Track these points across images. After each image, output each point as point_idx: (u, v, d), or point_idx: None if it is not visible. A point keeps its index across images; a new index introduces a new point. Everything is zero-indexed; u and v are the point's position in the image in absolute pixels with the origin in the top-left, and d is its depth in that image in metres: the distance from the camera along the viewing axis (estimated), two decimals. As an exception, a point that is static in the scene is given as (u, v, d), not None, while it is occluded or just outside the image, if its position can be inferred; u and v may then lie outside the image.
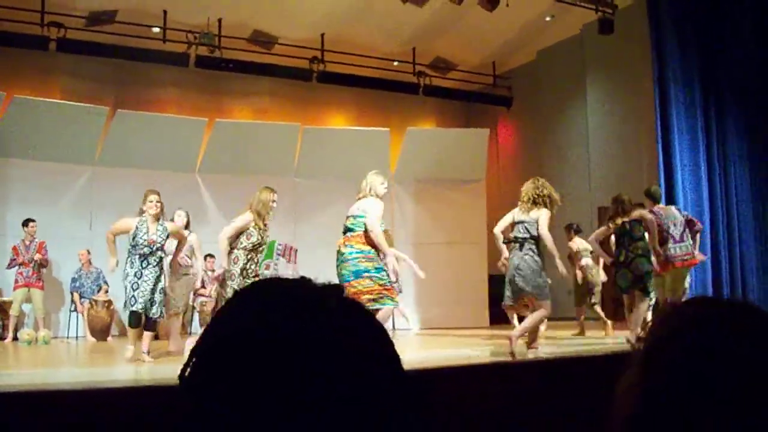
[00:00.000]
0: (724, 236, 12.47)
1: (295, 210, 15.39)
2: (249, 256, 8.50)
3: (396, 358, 0.90)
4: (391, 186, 15.76)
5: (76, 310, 13.57)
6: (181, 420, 0.85)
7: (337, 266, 7.76)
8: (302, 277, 0.94)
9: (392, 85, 17.18)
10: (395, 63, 17.12)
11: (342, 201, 15.06)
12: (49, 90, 14.84)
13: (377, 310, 7.31)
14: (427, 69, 17.40)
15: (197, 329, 13.81)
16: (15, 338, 12.45)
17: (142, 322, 8.46)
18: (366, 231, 7.73)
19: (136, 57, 14.84)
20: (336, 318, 0.87)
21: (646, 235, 9.45)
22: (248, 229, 8.54)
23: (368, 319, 0.92)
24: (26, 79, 14.79)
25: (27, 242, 12.79)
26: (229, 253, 8.53)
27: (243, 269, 8.38)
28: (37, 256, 12.71)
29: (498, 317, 12.69)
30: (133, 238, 8.53)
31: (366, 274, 7.56)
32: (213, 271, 13.89)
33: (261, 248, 8.71)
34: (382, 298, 7.51)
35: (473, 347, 8.83)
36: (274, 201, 8.76)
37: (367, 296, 7.37)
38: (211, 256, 13.53)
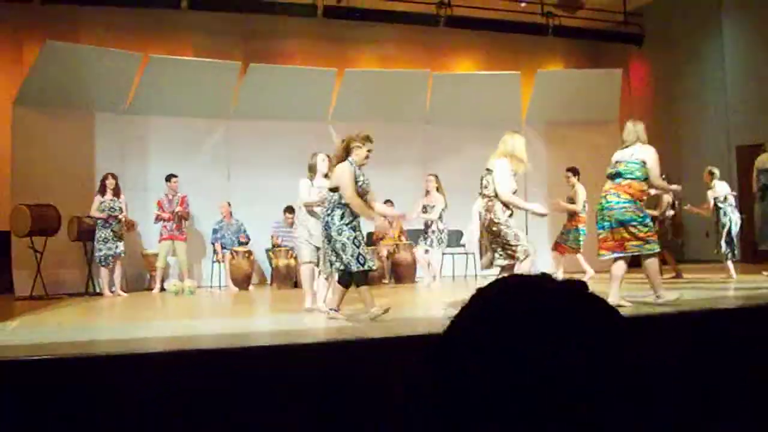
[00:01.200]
0: None
1: (426, 156, 15.41)
2: None
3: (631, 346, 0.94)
4: (523, 129, 15.64)
5: (217, 260, 13.94)
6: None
7: (604, 210, 7.61)
8: (543, 274, 1.01)
9: (520, 27, 16.89)
10: (522, 4, 16.82)
11: (473, 146, 15.00)
12: (181, 48, 15.16)
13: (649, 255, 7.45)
14: (554, 9, 17.02)
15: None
16: (162, 289, 12.91)
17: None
18: (634, 179, 7.56)
19: (264, 10, 14.99)
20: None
21: None
22: None
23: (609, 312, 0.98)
24: (160, 38, 15.18)
25: (170, 197, 13.17)
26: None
27: None
28: (179, 209, 13.08)
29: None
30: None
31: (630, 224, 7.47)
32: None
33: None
34: (648, 243, 7.44)
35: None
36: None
37: (632, 243, 7.44)
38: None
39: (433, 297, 11.15)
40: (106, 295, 12.19)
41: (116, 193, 12.54)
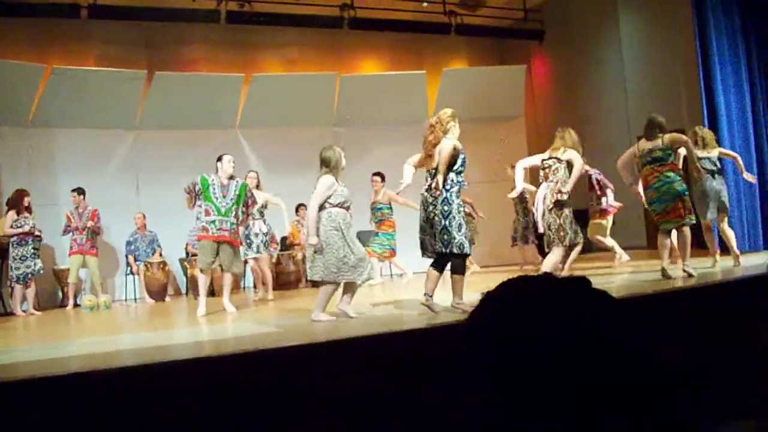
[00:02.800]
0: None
1: (337, 158, 15.46)
2: None
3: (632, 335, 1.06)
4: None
5: (132, 272, 13.77)
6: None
7: (663, 187, 8.76)
8: (546, 273, 1.17)
9: (424, 27, 17.03)
10: (425, 4, 16.97)
11: (382, 146, 15.15)
12: (84, 58, 14.88)
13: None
14: (457, 8, 17.22)
15: (250, 283, 14.01)
16: (76, 305, 12.70)
17: None
18: (673, 162, 8.98)
19: (167, 17, 14.77)
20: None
21: None
22: None
23: (611, 302, 1.09)
24: (61, 48, 14.84)
25: (80, 210, 12.96)
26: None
27: None
28: (90, 224, 12.88)
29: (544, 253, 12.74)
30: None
31: (684, 195, 8.78)
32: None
33: None
34: (691, 213, 8.84)
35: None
36: None
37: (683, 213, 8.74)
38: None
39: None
40: (19, 315, 11.93)
41: (28, 210, 12.30)
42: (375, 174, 12.76)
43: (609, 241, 12.24)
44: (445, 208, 7.37)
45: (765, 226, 12.28)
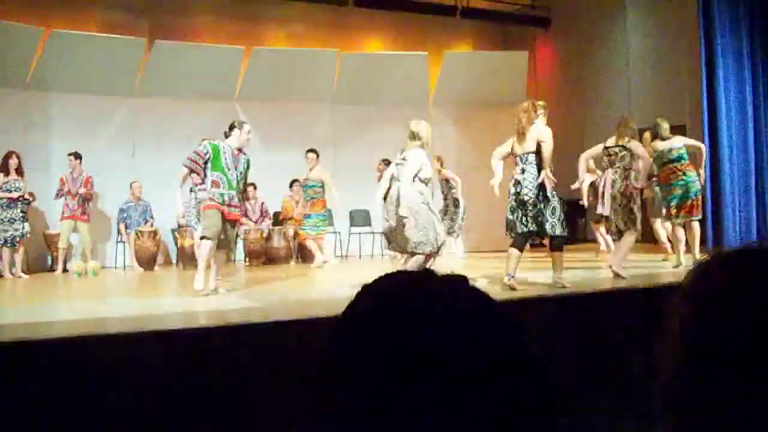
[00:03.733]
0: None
1: (333, 135, 15.44)
2: None
3: (511, 344, 1.01)
4: (430, 110, 15.76)
5: (122, 240, 13.73)
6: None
7: (685, 185, 9.68)
8: (427, 270, 1.09)
9: (429, 8, 16.91)
10: (431, -16, 16.87)
11: (380, 126, 15.09)
12: (85, 23, 14.76)
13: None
14: (463, -10, 17.13)
15: (241, 256, 13.99)
16: (65, 270, 12.67)
17: None
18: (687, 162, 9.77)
19: (172, -15, 14.74)
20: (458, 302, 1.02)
21: None
22: None
23: (488, 305, 1.04)
24: (62, 12, 14.70)
25: (75, 175, 12.89)
26: None
27: None
28: (83, 190, 12.83)
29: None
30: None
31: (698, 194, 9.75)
32: (256, 200, 14.03)
33: None
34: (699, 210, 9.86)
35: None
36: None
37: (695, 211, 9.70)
38: (251, 184, 13.68)
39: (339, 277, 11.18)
40: (6, 277, 11.89)
41: (19, 172, 12.23)
42: (310, 150, 12.65)
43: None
44: (541, 192, 7.86)
45: (759, 225, 12.28)
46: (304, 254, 13.91)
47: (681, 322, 1.06)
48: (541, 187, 7.80)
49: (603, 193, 9.17)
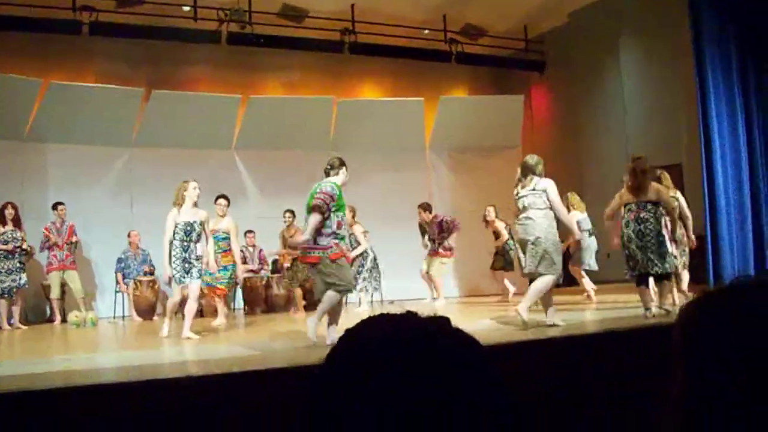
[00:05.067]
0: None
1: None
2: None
3: (494, 380, 1.00)
4: (427, 155, 15.83)
5: (120, 290, 13.70)
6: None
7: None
8: (409, 312, 1.08)
9: (424, 54, 17.07)
10: (426, 31, 17.00)
11: (378, 172, 15.15)
12: (83, 74, 14.89)
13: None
14: (457, 36, 17.26)
15: (240, 304, 13.98)
16: (63, 320, 12.64)
17: None
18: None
19: (168, 36, 14.81)
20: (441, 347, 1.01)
21: None
22: None
23: (471, 345, 1.04)
24: (61, 64, 14.83)
25: (58, 225, 12.90)
26: None
27: None
28: (75, 239, 12.87)
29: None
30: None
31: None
32: (254, 246, 14.03)
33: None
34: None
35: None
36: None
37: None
38: (251, 232, 13.77)
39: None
40: (4, 329, 11.85)
41: (16, 223, 12.24)
42: (221, 197, 11.56)
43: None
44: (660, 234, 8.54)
45: (756, 260, 12.30)
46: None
47: (683, 360, 1.07)
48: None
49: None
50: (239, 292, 13.96)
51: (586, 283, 12.11)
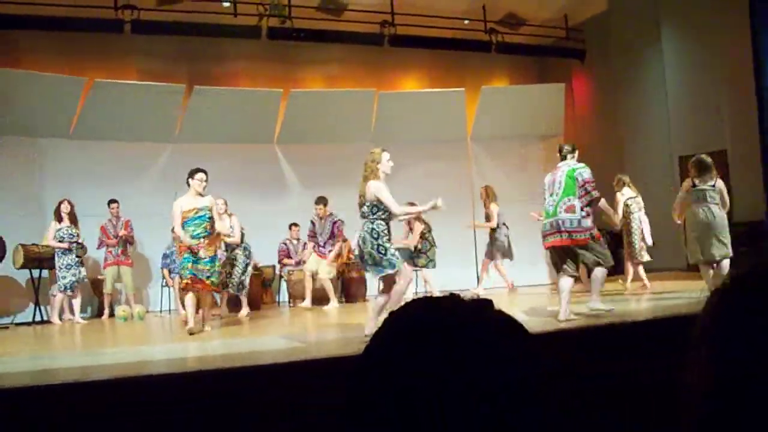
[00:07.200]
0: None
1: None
2: None
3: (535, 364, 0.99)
4: (469, 145, 15.79)
5: (167, 285, 13.84)
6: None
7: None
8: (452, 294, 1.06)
9: (464, 45, 17.00)
10: (466, 22, 16.93)
11: (420, 163, 15.13)
12: (125, 72, 15.05)
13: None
14: (497, 26, 17.17)
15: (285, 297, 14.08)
16: (111, 314, 12.81)
17: None
18: None
19: (209, 33, 14.86)
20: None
21: None
22: None
23: (514, 327, 1.02)
24: (103, 62, 14.98)
25: (114, 222, 13.09)
26: None
27: None
28: (123, 233, 13.01)
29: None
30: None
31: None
32: (298, 240, 14.09)
33: None
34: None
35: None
36: None
37: None
38: (296, 225, 13.81)
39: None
40: (56, 323, 12.05)
41: (72, 219, 12.45)
42: (200, 171, 11.26)
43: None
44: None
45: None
46: (348, 293, 13.94)
47: (708, 349, 1.05)
48: None
49: None
50: (283, 285, 14.09)
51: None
